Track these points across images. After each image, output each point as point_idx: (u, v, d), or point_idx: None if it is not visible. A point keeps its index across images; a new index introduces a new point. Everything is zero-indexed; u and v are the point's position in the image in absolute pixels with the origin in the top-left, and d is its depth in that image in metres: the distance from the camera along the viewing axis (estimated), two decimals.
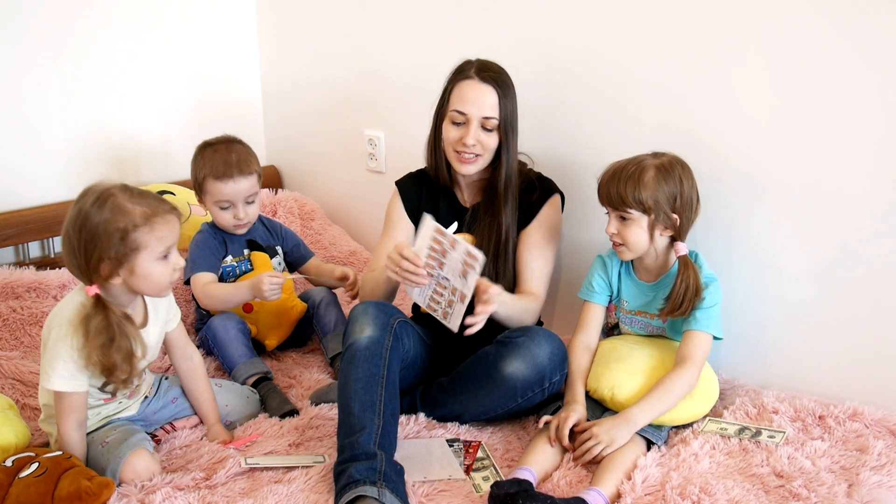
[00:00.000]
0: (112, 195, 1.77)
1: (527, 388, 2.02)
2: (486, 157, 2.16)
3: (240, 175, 2.38)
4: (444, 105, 2.19)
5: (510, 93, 2.15)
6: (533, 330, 2.05)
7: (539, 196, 2.22)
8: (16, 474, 1.71)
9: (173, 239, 1.81)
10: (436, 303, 2.00)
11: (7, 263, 2.63)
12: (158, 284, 1.82)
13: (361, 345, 1.92)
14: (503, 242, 2.19)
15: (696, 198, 2.06)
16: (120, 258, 1.75)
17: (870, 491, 1.73)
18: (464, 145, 2.13)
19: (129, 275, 1.78)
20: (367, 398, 1.86)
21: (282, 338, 2.50)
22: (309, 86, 3.18)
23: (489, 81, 2.12)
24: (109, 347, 1.77)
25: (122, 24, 2.88)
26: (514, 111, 2.16)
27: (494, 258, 2.19)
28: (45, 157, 2.75)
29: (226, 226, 2.44)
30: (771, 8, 2.06)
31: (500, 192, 2.18)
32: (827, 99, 2.02)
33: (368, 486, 1.71)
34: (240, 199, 2.40)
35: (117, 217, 1.74)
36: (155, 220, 1.77)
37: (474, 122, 2.12)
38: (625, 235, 2.04)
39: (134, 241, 1.75)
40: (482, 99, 2.11)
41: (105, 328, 1.77)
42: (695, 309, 2.02)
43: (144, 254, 1.77)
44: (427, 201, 2.30)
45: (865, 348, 2.08)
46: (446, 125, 2.17)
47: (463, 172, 2.18)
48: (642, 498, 1.76)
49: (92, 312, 1.78)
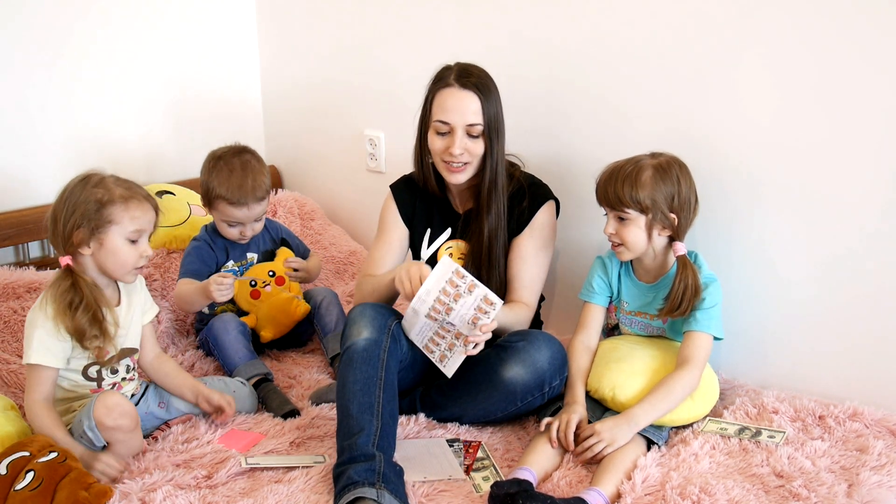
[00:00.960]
0: (101, 177, 1.93)
1: (526, 393, 2.02)
2: (476, 164, 2.13)
3: (255, 202, 2.39)
4: (426, 115, 2.16)
5: (492, 96, 2.11)
6: (533, 334, 2.05)
7: (530, 203, 2.19)
8: (11, 485, 1.68)
9: (146, 224, 1.93)
10: (434, 344, 1.98)
11: (7, 263, 2.63)
12: (124, 264, 1.92)
13: (359, 347, 1.93)
14: (487, 248, 2.16)
15: (694, 198, 2.06)
16: (92, 228, 1.88)
17: (870, 491, 1.73)
18: (451, 155, 2.10)
19: (98, 247, 1.89)
20: (365, 400, 1.86)
21: (278, 333, 2.50)
22: (309, 86, 3.18)
23: (470, 87, 2.08)
24: (77, 309, 1.87)
25: (121, 25, 2.88)
26: (497, 114, 2.12)
27: (481, 263, 2.18)
28: (45, 157, 2.75)
29: (229, 238, 2.48)
30: (771, 8, 2.06)
31: (484, 198, 2.15)
32: (827, 99, 2.02)
33: (367, 488, 1.72)
34: (250, 221, 2.43)
35: (97, 190, 1.89)
36: (131, 201, 1.91)
37: (459, 130, 2.08)
38: (623, 235, 2.04)
39: (108, 214, 1.88)
40: (464, 106, 2.08)
41: (71, 288, 1.88)
42: (694, 309, 2.02)
43: (115, 229, 1.89)
44: (421, 207, 2.29)
45: (865, 348, 2.08)
46: (431, 135, 2.14)
47: (454, 182, 2.16)
48: (642, 498, 1.76)
49: (60, 277, 1.91)
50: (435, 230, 2.27)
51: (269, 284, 2.46)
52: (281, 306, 2.46)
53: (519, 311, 2.15)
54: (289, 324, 2.51)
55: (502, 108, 2.13)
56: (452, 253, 2.24)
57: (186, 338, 2.58)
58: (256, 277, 2.45)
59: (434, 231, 2.27)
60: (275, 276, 2.48)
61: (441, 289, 1.89)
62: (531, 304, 2.19)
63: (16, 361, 2.27)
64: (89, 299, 1.89)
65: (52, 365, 1.90)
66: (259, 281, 2.45)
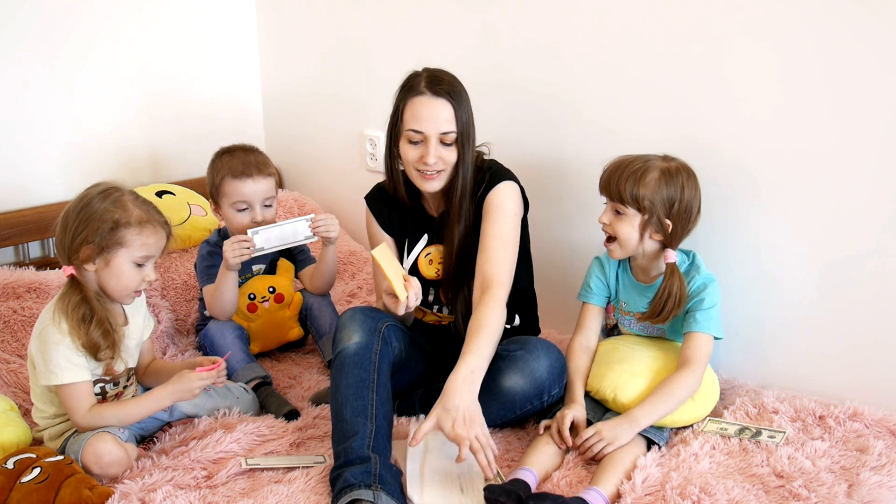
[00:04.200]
0: (120, 193, 1.89)
1: (525, 402, 2.01)
2: (449, 171, 2.09)
3: (258, 175, 2.35)
4: (396, 124, 2.09)
5: (464, 102, 2.07)
6: (531, 342, 2.04)
7: (485, 189, 2.12)
8: (17, 478, 1.70)
9: (156, 251, 1.91)
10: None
11: (7, 263, 2.63)
12: (126, 287, 1.89)
13: (350, 351, 1.92)
14: (461, 251, 2.12)
15: (696, 209, 2.04)
16: (102, 247, 1.84)
17: (870, 491, 1.73)
18: (425, 164, 2.05)
19: (103, 266, 1.86)
20: (358, 403, 1.86)
21: (266, 348, 2.50)
22: (309, 86, 3.18)
23: (442, 95, 2.04)
24: (90, 323, 1.85)
25: (121, 25, 2.88)
26: (469, 120, 2.07)
27: (457, 268, 2.14)
28: (45, 157, 2.76)
29: (241, 230, 2.35)
30: (774, 8, 2.06)
31: (456, 204, 2.10)
32: (830, 99, 2.02)
33: (364, 490, 1.72)
34: (258, 199, 2.36)
35: (116, 209, 1.85)
36: (146, 227, 1.88)
37: (433, 139, 2.04)
38: (616, 228, 2.04)
39: (121, 235, 1.85)
40: (437, 114, 2.03)
41: (81, 302, 1.86)
42: (696, 311, 2.02)
43: (124, 252, 1.86)
44: (396, 215, 2.25)
45: (865, 348, 2.08)
46: (403, 144, 2.09)
47: (428, 189, 2.11)
48: (642, 498, 1.76)
49: (68, 291, 1.88)
50: (412, 238, 2.25)
51: (268, 300, 2.44)
52: (275, 326, 2.45)
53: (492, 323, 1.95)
54: (278, 343, 2.50)
55: (472, 112, 2.09)
56: (433, 259, 2.22)
57: (186, 337, 2.58)
58: (256, 292, 2.43)
59: (411, 239, 2.26)
60: (274, 293, 2.45)
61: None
62: (503, 279, 2.03)
63: (16, 361, 2.27)
64: (101, 314, 1.87)
65: (85, 379, 1.87)
66: (258, 295, 2.43)
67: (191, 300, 2.67)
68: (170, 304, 2.61)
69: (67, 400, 1.87)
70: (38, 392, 1.95)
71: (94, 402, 1.89)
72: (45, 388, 1.91)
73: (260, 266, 2.47)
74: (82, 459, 1.82)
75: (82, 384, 1.87)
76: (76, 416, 1.87)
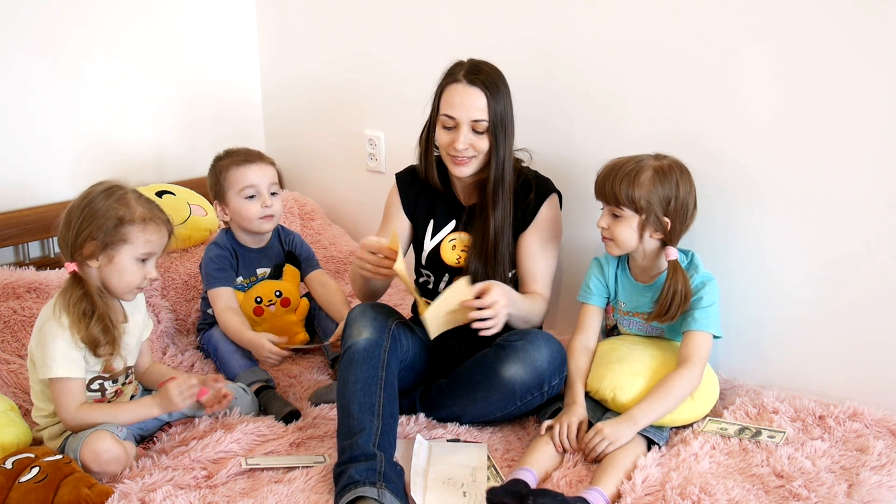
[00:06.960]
0: (123, 190, 1.92)
1: (525, 392, 2.02)
2: (481, 159, 2.14)
3: (261, 161, 2.39)
4: (435, 108, 2.18)
5: (500, 94, 2.11)
6: (532, 333, 2.05)
7: (535, 197, 2.20)
8: (16, 477, 1.71)
9: (158, 248, 1.94)
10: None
11: (7, 263, 2.63)
12: (128, 283, 1.91)
13: (359, 347, 1.93)
14: (493, 245, 2.16)
15: (692, 204, 2.05)
16: (106, 243, 1.86)
17: (870, 491, 1.73)
18: (455, 149, 2.11)
19: (106, 262, 1.88)
20: (365, 400, 1.87)
21: None
22: (309, 86, 3.18)
23: (477, 84, 2.09)
24: (91, 318, 1.87)
25: (122, 25, 2.88)
26: (505, 112, 2.12)
27: (486, 260, 2.18)
28: (45, 157, 2.75)
29: (251, 219, 2.35)
30: (772, 8, 2.06)
31: (490, 194, 2.15)
32: (829, 100, 2.02)
33: (368, 487, 1.72)
34: (265, 185, 2.36)
35: (119, 206, 1.88)
36: (149, 224, 1.90)
37: (464, 125, 2.09)
38: (614, 231, 2.04)
39: (125, 232, 1.87)
40: (470, 102, 2.09)
41: (83, 297, 1.88)
42: (694, 310, 2.02)
43: (127, 248, 1.88)
44: (425, 199, 2.29)
45: (865, 348, 2.08)
46: (438, 129, 2.16)
47: (458, 175, 2.16)
48: (642, 498, 1.76)
49: (70, 286, 1.90)
50: (439, 221, 2.27)
51: (274, 304, 2.45)
52: (280, 329, 2.44)
53: (535, 302, 2.15)
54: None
55: (512, 107, 2.14)
56: (456, 245, 2.25)
57: (187, 337, 2.58)
58: (262, 295, 2.44)
59: (438, 222, 2.27)
60: (281, 297, 2.46)
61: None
62: (546, 295, 2.21)
63: (16, 361, 2.27)
64: (102, 309, 1.89)
65: (79, 376, 1.89)
66: (265, 299, 2.44)
67: (191, 300, 2.66)
68: (170, 304, 2.61)
69: (58, 394, 1.88)
70: (37, 390, 1.96)
71: (83, 401, 1.90)
72: (44, 384, 1.92)
73: (265, 269, 2.48)
74: (81, 458, 1.82)
75: (75, 381, 1.88)
76: (64, 412, 1.88)
